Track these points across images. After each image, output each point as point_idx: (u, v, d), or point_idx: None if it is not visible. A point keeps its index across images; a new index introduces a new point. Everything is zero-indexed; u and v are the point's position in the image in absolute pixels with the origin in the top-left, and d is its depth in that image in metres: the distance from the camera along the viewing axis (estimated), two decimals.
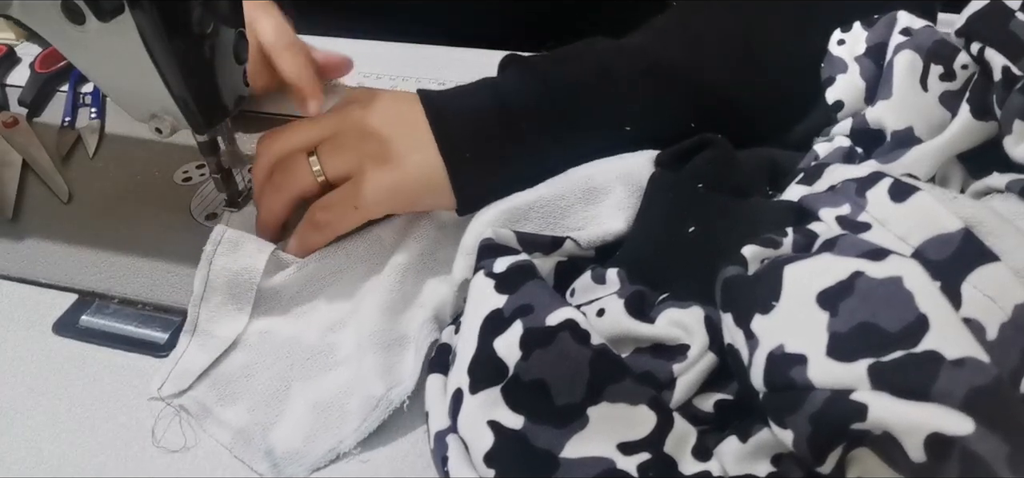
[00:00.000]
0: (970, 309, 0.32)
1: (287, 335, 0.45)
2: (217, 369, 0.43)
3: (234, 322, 0.45)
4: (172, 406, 0.41)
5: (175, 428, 0.41)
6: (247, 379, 0.43)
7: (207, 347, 0.44)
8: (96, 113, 0.65)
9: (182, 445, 0.40)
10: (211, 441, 0.40)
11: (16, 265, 0.51)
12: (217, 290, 0.45)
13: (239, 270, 0.45)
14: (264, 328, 0.45)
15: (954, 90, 0.46)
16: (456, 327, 0.42)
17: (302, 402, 0.41)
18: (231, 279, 0.45)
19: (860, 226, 0.37)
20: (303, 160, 0.47)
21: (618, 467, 0.33)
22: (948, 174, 0.46)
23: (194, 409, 0.41)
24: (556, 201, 0.45)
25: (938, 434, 0.28)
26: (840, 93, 0.50)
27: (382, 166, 0.45)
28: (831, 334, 0.31)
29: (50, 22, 0.43)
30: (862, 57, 0.49)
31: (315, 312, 0.46)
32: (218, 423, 0.41)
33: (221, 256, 0.45)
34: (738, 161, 0.47)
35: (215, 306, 0.45)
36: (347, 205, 0.46)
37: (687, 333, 0.37)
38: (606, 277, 0.41)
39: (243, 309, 0.45)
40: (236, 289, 0.45)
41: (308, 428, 0.40)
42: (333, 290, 0.47)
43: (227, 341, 0.44)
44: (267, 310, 0.46)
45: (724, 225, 0.42)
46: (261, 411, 0.41)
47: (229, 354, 0.44)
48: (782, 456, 0.34)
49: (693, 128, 0.48)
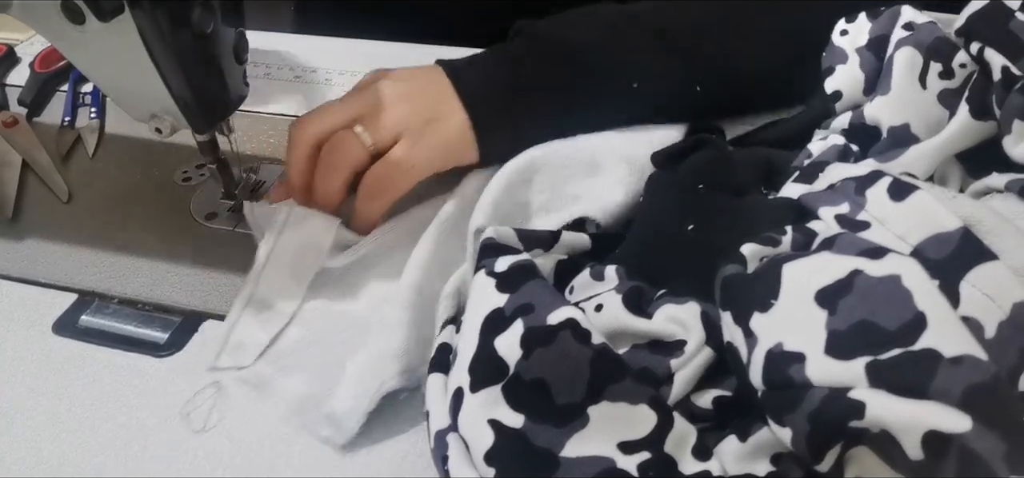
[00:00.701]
0: (968, 308, 0.32)
1: (340, 310, 0.46)
2: (274, 342, 0.44)
3: (292, 296, 0.46)
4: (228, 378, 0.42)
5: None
6: (303, 353, 0.43)
7: (264, 319, 0.44)
8: (96, 113, 0.65)
9: (208, 425, 0.41)
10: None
11: (16, 265, 0.51)
12: (280, 264, 0.46)
13: (304, 245, 0.46)
14: (318, 303, 0.46)
15: (953, 88, 0.46)
16: (457, 326, 0.42)
17: (354, 368, 0.42)
18: (295, 253, 0.46)
19: (859, 225, 0.37)
20: (351, 134, 0.48)
21: (618, 466, 0.33)
22: (947, 174, 0.46)
23: (253, 381, 0.42)
24: (560, 168, 0.47)
25: (936, 432, 0.28)
26: (839, 83, 0.50)
27: (426, 127, 0.48)
28: (829, 332, 0.31)
29: (50, 22, 0.43)
30: (863, 49, 0.50)
31: (365, 288, 0.47)
32: (277, 394, 0.41)
33: (289, 230, 0.46)
34: (734, 160, 0.47)
35: (275, 279, 0.46)
36: (401, 167, 0.48)
37: (684, 329, 0.37)
38: (605, 274, 0.41)
39: (302, 284, 0.46)
40: (299, 264, 0.46)
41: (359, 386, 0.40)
42: (381, 269, 0.48)
43: (286, 315, 0.45)
44: (320, 285, 0.47)
45: (723, 223, 0.43)
46: (318, 382, 0.42)
47: (286, 328, 0.45)
48: (782, 455, 0.34)
49: (698, 92, 0.51)
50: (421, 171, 0.49)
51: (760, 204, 0.43)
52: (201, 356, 0.44)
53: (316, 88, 0.67)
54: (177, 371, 0.44)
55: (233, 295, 0.47)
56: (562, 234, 0.44)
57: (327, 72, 0.69)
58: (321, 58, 0.71)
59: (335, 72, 0.69)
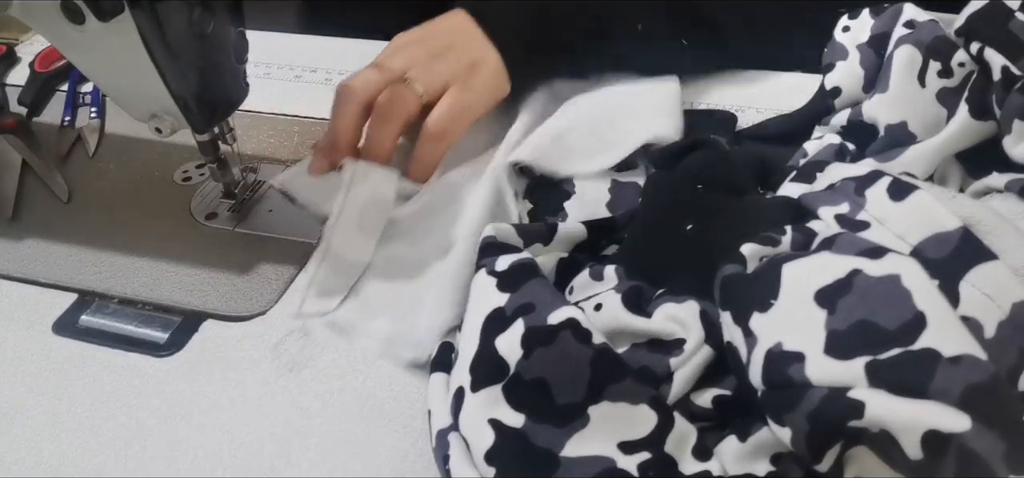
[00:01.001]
0: (968, 307, 0.32)
1: (411, 258, 0.48)
2: (355, 290, 0.47)
3: (364, 248, 0.48)
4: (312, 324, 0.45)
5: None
6: (382, 298, 0.46)
7: (341, 271, 0.47)
8: (96, 113, 0.65)
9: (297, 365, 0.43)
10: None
11: (16, 265, 0.51)
12: (350, 219, 0.48)
13: (370, 199, 0.49)
14: (390, 252, 0.49)
15: (951, 87, 0.46)
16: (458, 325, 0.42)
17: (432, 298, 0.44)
18: (363, 207, 0.49)
19: (859, 225, 0.37)
20: (405, 86, 0.51)
21: (618, 466, 0.33)
22: (947, 173, 0.46)
23: (344, 324, 0.45)
24: (566, 134, 0.53)
25: (935, 431, 0.28)
26: (838, 80, 0.50)
27: (471, 73, 0.52)
28: (829, 332, 0.32)
29: (50, 22, 0.43)
30: (864, 46, 0.50)
31: (431, 234, 0.49)
32: (367, 335, 0.44)
33: (356, 185, 0.49)
34: (730, 160, 0.47)
35: (347, 233, 0.48)
36: (457, 109, 0.52)
37: (683, 328, 0.37)
38: (604, 274, 0.41)
39: (372, 236, 0.49)
40: (367, 217, 0.49)
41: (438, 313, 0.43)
42: (444, 216, 0.50)
43: (360, 266, 0.48)
44: (389, 237, 0.50)
45: (722, 223, 0.43)
46: (401, 322, 0.44)
47: (363, 277, 0.48)
48: (782, 455, 0.34)
49: (685, 45, 0.58)
50: (475, 111, 0.53)
51: (759, 204, 0.44)
52: (201, 356, 0.45)
53: (316, 88, 0.67)
54: (177, 371, 0.44)
55: (233, 295, 0.48)
56: (559, 226, 0.44)
57: (327, 72, 0.69)
58: (321, 58, 0.71)
59: (335, 72, 0.69)
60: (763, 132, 0.54)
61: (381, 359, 0.44)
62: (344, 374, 0.43)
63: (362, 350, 0.44)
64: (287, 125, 0.63)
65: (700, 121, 0.56)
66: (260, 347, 0.45)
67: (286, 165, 0.58)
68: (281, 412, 0.41)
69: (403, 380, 0.42)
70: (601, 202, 0.50)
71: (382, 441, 0.40)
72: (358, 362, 0.44)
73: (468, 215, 0.48)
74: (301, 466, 0.39)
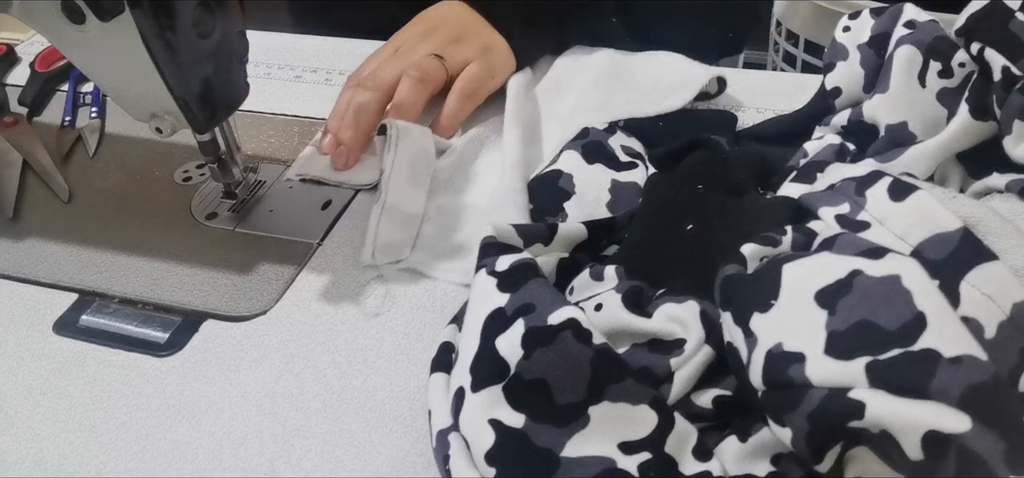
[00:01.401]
0: (968, 308, 0.32)
1: (460, 204, 0.53)
2: (418, 239, 0.51)
3: (417, 199, 0.53)
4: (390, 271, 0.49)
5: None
6: (444, 241, 0.50)
7: (400, 222, 0.51)
8: (96, 112, 0.65)
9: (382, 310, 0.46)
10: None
11: (16, 265, 0.51)
12: (401, 171, 0.52)
13: (415, 153, 0.54)
14: (440, 201, 0.53)
15: (951, 88, 0.46)
16: (459, 325, 0.42)
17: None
18: (411, 160, 0.53)
19: (859, 225, 0.37)
20: (435, 58, 0.58)
21: (619, 466, 0.33)
22: (947, 174, 0.46)
23: (418, 265, 0.49)
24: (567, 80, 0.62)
25: (935, 432, 0.28)
26: (838, 80, 0.50)
27: (486, 54, 0.60)
28: (829, 332, 0.32)
29: (50, 22, 0.43)
30: (864, 46, 0.50)
31: (472, 181, 0.55)
32: (444, 271, 0.48)
33: (402, 140, 0.53)
34: (730, 160, 0.47)
35: (400, 187, 0.52)
36: (485, 77, 0.59)
37: (683, 328, 0.37)
38: (604, 274, 0.41)
39: (422, 187, 0.53)
40: (415, 170, 0.53)
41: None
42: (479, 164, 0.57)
43: (417, 217, 0.52)
44: (432, 190, 0.54)
45: (722, 223, 0.43)
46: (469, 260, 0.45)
47: (421, 226, 0.52)
48: (782, 456, 0.34)
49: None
50: (496, 82, 0.60)
51: (759, 204, 0.44)
52: (201, 356, 0.45)
53: (316, 88, 0.67)
54: (177, 371, 0.44)
55: (233, 295, 0.48)
56: (559, 226, 0.44)
57: (327, 72, 0.69)
58: (321, 58, 0.71)
59: (335, 72, 0.69)
60: (763, 132, 0.55)
61: (381, 359, 0.44)
62: (344, 374, 0.43)
63: (362, 350, 0.44)
64: (287, 125, 0.63)
65: (700, 121, 0.56)
66: (260, 347, 0.45)
67: (286, 165, 0.58)
68: (281, 412, 0.41)
69: (403, 380, 0.42)
70: (601, 202, 0.50)
71: (382, 441, 0.40)
72: (358, 362, 0.44)
73: (507, 149, 0.54)
74: (301, 466, 0.39)
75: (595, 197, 0.51)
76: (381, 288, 0.48)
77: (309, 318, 0.46)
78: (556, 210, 0.50)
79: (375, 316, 0.46)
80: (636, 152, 0.54)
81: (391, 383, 0.42)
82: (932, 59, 0.46)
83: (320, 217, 0.53)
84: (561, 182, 0.51)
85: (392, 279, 0.48)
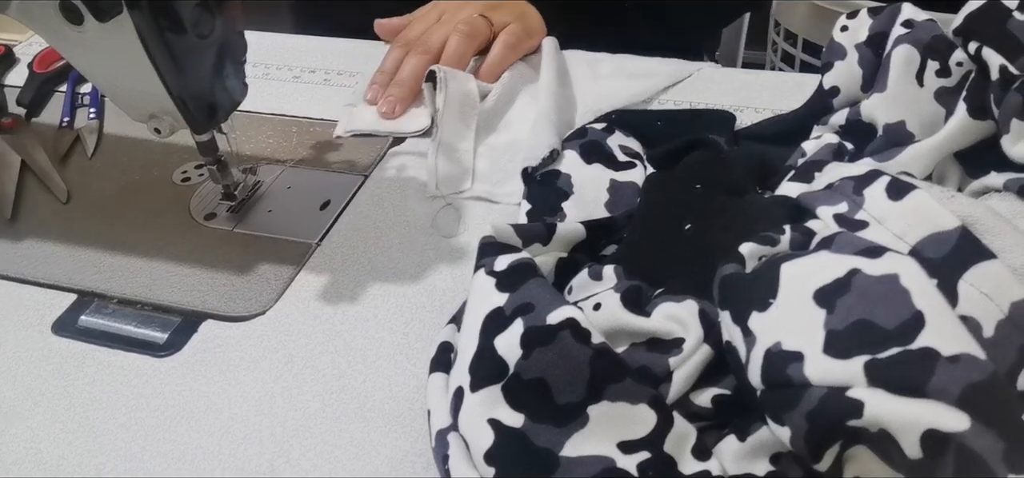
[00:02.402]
0: (967, 307, 0.32)
1: (508, 140, 0.58)
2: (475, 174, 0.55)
3: (468, 135, 0.58)
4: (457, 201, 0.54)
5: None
6: (501, 171, 0.55)
7: (454, 158, 0.55)
8: (95, 113, 0.65)
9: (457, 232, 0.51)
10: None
11: (15, 265, 0.51)
12: (452, 110, 0.57)
13: (463, 94, 0.59)
14: (487, 138, 0.59)
15: (949, 87, 0.46)
16: (458, 325, 0.42)
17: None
18: (460, 101, 0.58)
19: (857, 224, 0.37)
20: (482, 17, 0.65)
21: (618, 466, 0.33)
22: (945, 173, 0.46)
23: (483, 193, 0.54)
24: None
25: (934, 431, 0.28)
26: (836, 79, 0.50)
27: (526, 11, 0.68)
28: (828, 331, 0.32)
29: (48, 22, 0.43)
30: (862, 45, 0.50)
31: (513, 119, 0.60)
32: (507, 195, 0.53)
33: (450, 83, 0.58)
34: (729, 160, 0.47)
35: (452, 124, 0.57)
36: (524, 35, 0.66)
37: (682, 327, 0.37)
38: (603, 274, 0.41)
39: (471, 125, 0.58)
40: (464, 108, 0.58)
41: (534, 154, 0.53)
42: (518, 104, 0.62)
43: (469, 152, 0.57)
44: (479, 127, 0.59)
45: (720, 222, 0.43)
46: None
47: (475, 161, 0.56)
48: (781, 455, 0.34)
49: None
50: (534, 42, 0.67)
51: (758, 203, 0.44)
52: (201, 356, 0.45)
53: (315, 88, 0.67)
54: (177, 371, 0.44)
55: (232, 295, 0.48)
56: (558, 226, 0.44)
57: (327, 72, 0.69)
58: (321, 58, 0.71)
59: (335, 72, 0.69)
60: (762, 132, 0.55)
61: (381, 359, 0.44)
62: (343, 374, 0.43)
63: (361, 350, 0.44)
64: (286, 125, 0.63)
65: (699, 121, 0.56)
66: (259, 347, 0.45)
67: (286, 164, 0.58)
68: (280, 412, 0.41)
69: (403, 380, 0.42)
70: (600, 202, 0.50)
71: (381, 441, 0.40)
72: (357, 362, 0.44)
73: (543, 84, 0.60)
74: (300, 466, 0.39)
75: (594, 197, 0.51)
76: (454, 211, 0.52)
77: (308, 318, 0.46)
78: (554, 210, 0.50)
79: (450, 237, 0.51)
80: (634, 152, 0.54)
81: (390, 383, 0.42)
82: (930, 58, 0.46)
83: (319, 217, 0.53)
84: (559, 182, 0.51)
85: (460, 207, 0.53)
